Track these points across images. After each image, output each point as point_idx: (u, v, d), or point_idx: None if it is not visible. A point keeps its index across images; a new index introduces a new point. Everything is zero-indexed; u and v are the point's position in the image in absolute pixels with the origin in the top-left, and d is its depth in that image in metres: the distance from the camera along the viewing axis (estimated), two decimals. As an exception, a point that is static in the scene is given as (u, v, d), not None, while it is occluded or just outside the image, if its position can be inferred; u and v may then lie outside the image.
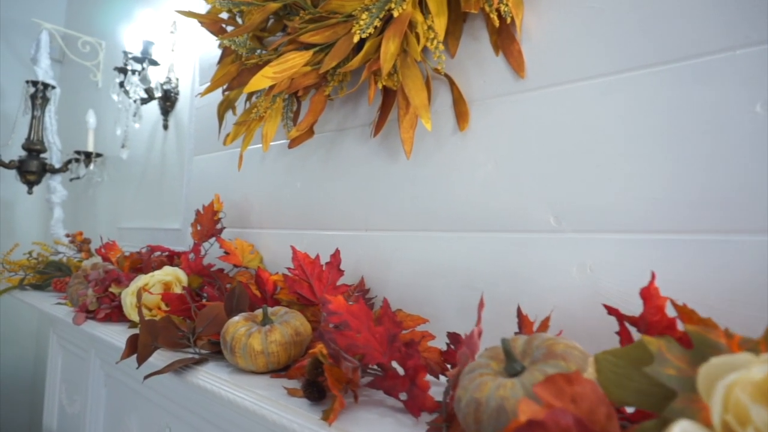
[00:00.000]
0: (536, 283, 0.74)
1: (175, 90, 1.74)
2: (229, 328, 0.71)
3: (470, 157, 0.83)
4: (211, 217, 1.18)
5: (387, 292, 0.93)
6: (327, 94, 0.93)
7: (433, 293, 0.86)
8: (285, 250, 1.17)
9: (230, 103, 1.12)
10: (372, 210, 0.98)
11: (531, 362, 0.43)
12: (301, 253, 0.88)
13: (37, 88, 2.14)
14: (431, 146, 0.89)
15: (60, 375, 1.67)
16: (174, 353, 0.82)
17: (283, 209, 1.18)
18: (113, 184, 2.16)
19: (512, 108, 0.79)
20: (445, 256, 0.85)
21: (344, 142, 1.05)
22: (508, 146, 0.79)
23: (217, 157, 1.42)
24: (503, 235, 0.78)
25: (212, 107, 1.45)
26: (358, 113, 1.03)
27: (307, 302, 0.88)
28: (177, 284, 1.04)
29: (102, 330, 1.03)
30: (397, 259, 0.93)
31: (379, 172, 0.97)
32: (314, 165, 1.11)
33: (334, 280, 0.88)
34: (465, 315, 0.82)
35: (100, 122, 2.17)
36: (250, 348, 0.68)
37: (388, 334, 0.65)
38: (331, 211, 1.07)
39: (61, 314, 1.24)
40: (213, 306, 0.85)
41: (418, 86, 0.81)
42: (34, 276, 1.60)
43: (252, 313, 0.76)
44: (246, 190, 1.30)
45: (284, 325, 0.71)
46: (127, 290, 1.02)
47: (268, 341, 0.69)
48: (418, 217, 0.90)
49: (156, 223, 1.80)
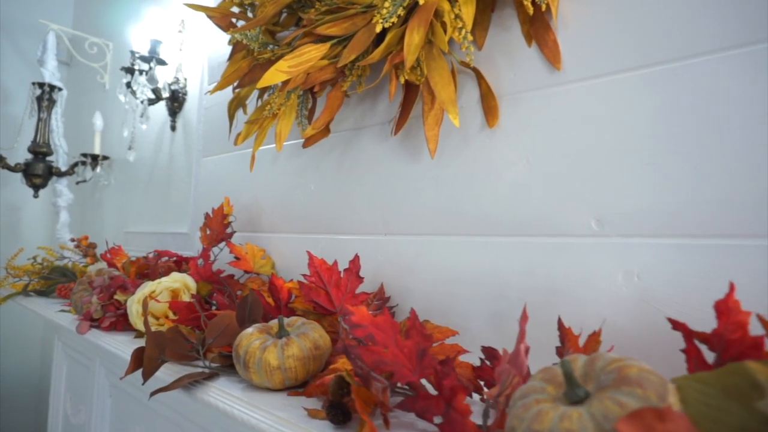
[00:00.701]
0: (576, 293, 0.68)
1: (183, 90, 1.70)
2: (242, 341, 0.66)
3: (500, 155, 0.77)
4: (220, 220, 1.12)
5: (409, 301, 0.87)
6: (344, 89, 0.87)
7: (460, 302, 0.80)
8: (298, 256, 1.11)
9: (241, 101, 1.07)
10: (392, 213, 0.93)
11: (597, 388, 0.37)
12: (317, 259, 0.82)
13: (44, 89, 2.10)
14: (457, 144, 0.83)
15: (65, 383, 1.62)
16: (182, 366, 0.76)
17: (296, 212, 1.13)
18: (120, 187, 2.12)
19: (547, 102, 0.73)
20: (472, 262, 0.79)
21: (361, 141, 0.99)
22: (542, 143, 0.73)
23: (227, 158, 1.37)
24: (537, 239, 0.72)
25: (221, 107, 1.41)
26: (376, 110, 0.97)
27: (324, 312, 0.82)
28: (185, 292, 0.99)
29: (106, 340, 0.98)
30: (419, 265, 0.87)
31: (399, 172, 0.92)
32: (329, 166, 1.06)
33: (353, 288, 0.82)
34: (495, 326, 0.76)
35: (107, 124, 2.13)
36: (265, 363, 0.63)
37: (418, 348, 0.60)
38: (347, 215, 1.01)
39: (65, 322, 1.19)
40: (224, 315, 0.79)
41: (445, 79, 0.75)
42: (39, 282, 1.55)
43: (266, 324, 0.70)
44: (257, 193, 1.25)
45: (302, 337, 0.65)
46: (133, 298, 0.97)
47: (285, 356, 0.63)
48: (442, 221, 0.84)
49: (163, 227, 1.75)
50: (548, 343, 0.69)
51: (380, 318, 0.62)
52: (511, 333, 0.74)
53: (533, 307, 0.71)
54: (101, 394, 1.31)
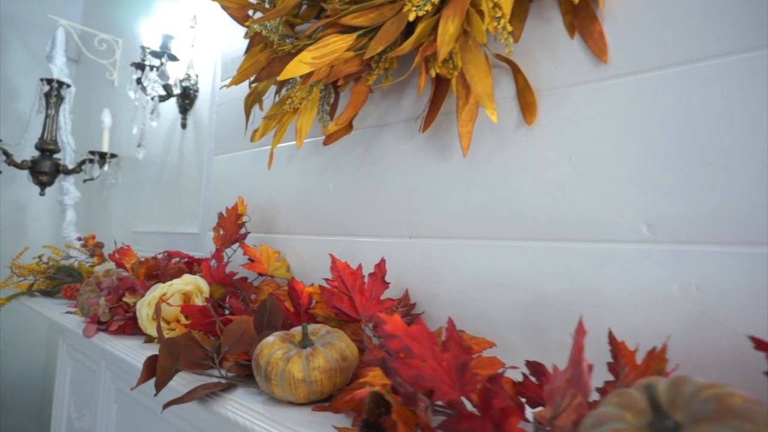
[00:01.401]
0: (624, 303, 0.63)
1: (195, 87, 1.66)
2: (263, 351, 0.61)
3: (539, 154, 0.72)
4: (234, 220, 1.08)
5: (436, 308, 0.82)
6: (370, 83, 0.82)
7: (492, 311, 0.75)
8: (315, 258, 1.06)
9: (258, 96, 1.02)
10: (417, 215, 0.88)
11: (691, 419, 0.32)
12: (341, 263, 0.77)
13: (52, 86, 2.06)
14: (490, 142, 0.78)
15: (69, 386, 1.57)
16: (196, 376, 0.71)
17: (314, 213, 1.08)
18: (128, 185, 2.08)
19: (591, 98, 0.68)
20: (506, 268, 0.74)
21: (385, 138, 0.95)
22: (586, 142, 0.68)
23: (240, 156, 1.32)
24: (580, 245, 0.67)
25: (235, 104, 1.36)
26: (401, 107, 0.93)
27: (348, 319, 0.77)
28: (198, 295, 0.94)
29: (114, 344, 0.93)
30: (447, 270, 0.82)
31: (426, 172, 0.87)
32: (350, 164, 1.01)
33: (378, 293, 0.77)
34: (531, 337, 0.71)
35: (115, 122, 2.09)
36: (289, 375, 0.58)
37: (457, 362, 0.55)
38: (369, 216, 0.96)
39: (71, 324, 1.14)
40: (240, 321, 0.74)
41: (482, 72, 0.70)
42: (44, 281, 1.51)
43: (288, 332, 0.65)
44: (272, 192, 1.20)
45: (328, 347, 0.60)
46: (143, 301, 0.92)
47: (310, 367, 0.58)
48: (473, 223, 0.79)
49: (172, 227, 1.70)
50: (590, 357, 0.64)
51: (415, 328, 0.57)
52: (549, 345, 0.69)
53: (574, 317, 0.66)
54: (107, 398, 1.26)
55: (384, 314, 0.57)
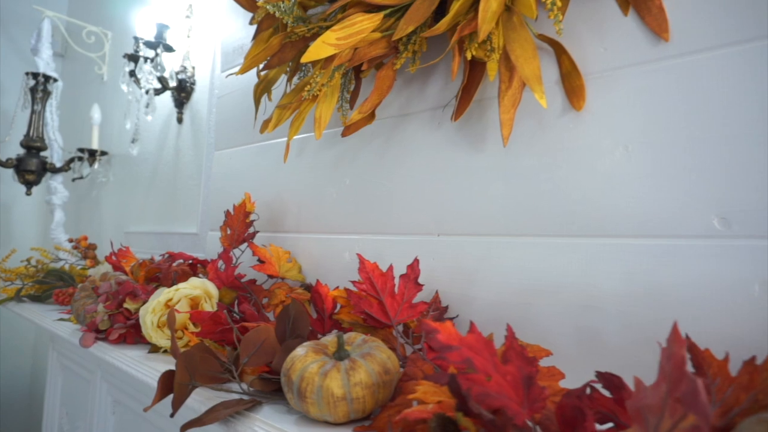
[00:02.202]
0: (693, 305, 0.56)
1: (191, 80, 1.57)
2: (295, 365, 0.54)
3: (589, 142, 0.66)
4: (242, 219, 1.00)
5: (471, 312, 0.76)
6: (397, 68, 0.75)
7: (537, 314, 0.69)
8: (329, 259, 0.99)
9: (269, 84, 0.95)
10: (446, 210, 0.81)
11: None
12: (369, 263, 0.70)
13: (38, 80, 1.96)
14: (531, 131, 0.72)
15: (60, 397, 1.49)
16: (213, 391, 0.64)
17: (327, 210, 1.01)
18: (119, 184, 1.99)
19: (649, 80, 0.62)
20: (553, 267, 0.68)
21: (408, 129, 0.88)
22: (643, 128, 0.62)
23: (244, 151, 1.25)
24: (639, 241, 0.61)
25: (237, 95, 1.28)
26: (426, 95, 0.86)
27: (377, 324, 0.71)
28: (207, 300, 0.86)
29: (116, 355, 0.85)
30: (483, 270, 0.76)
31: (456, 164, 0.80)
32: (368, 157, 0.94)
33: (411, 296, 0.71)
34: (583, 342, 0.64)
35: (105, 118, 2.00)
36: (327, 392, 0.51)
37: (522, 375, 0.48)
38: (391, 212, 0.89)
39: (65, 333, 1.06)
40: (260, 329, 0.67)
41: (528, 52, 0.64)
42: (33, 286, 1.42)
43: (319, 342, 0.58)
44: (279, 189, 1.13)
45: (368, 359, 0.53)
46: (147, 307, 0.85)
47: (351, 383, 0.51)
48: (512, 219, 0.73)
49: (168, 227, 1.62)
50: (653, 363, 0.58)
51: (471, 337, 0.50)
52: (605, 352, 0.63)
53: (635, 321, 0.60)
54: (103, 410, 1.18)
55: (433, 323, 0.50)
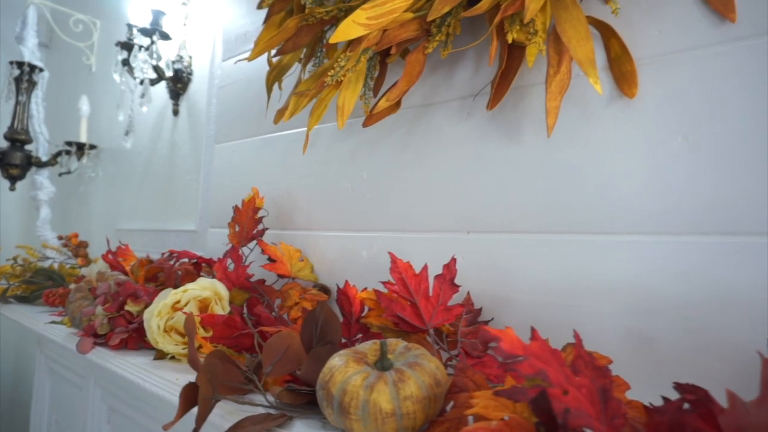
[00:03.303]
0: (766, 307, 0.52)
1: (188, 69, 1.50)
2: (334, 376, 0.48)
3: (642, 132, 0.61)
4: (251, 215, 0.94)
5: (508, 315, 0.71)
6: (429, 51, 0.70)
7: (583, 317, 0.64)
8: (344, 257, 0.93)
9: (283, 71, 0.88)
10: (477, 206, 0.76)
11: None
12: (402, 263, 0.65)
13: (23, 69, 1.87)
14: (574, 121, 0.67)
15: (48, 404, 1.41)
16: (234, 404, 0.58)
17: (342, 206, 0.95)
18: (109, 179, 1.90)
19: (711, 64, 0.57)
20: (599, 266, 0.63)
21: (433, 120, 0.82)
22: (705, 116, 0.57)
23: (248, 144, 1.18)
24: (702, 239, 0.56)
25: (239, 86, 1.22)
26: (452, 83, 0.80)
27: (410, 329, 0.65)
28: (217, 302, 0.80)
29: (118, 362, 0.78)
30: (520, 270, 0.70)
31: (488, 156, 0.75)
32: (388, 150, 0.88)
33: (446, 299, 0.65)
34: (639, 350, 0.60)
35: (94, 110, 1.91)
36: (374, 407, 0.45)
37: (596, 388, 0.43)
38: (414, 208, 0.84)
39: (59, 338, 0.98)
40: (282, 335, 0.61)
41: (581, 34, 0.59)
42: (20, 286, 1.34)
43: (356, 350, 0.53)
44: (288, 183, 1.06)
45: (416, 370, 0.48)
46: (152, 309, 0.78)
47: (400, 397, 0.46)
48: (553, 215, 0.68)
49: (164, 223, 1.55)
50: (720, 373, 0.54)
51: (535, 345, 0.45)
52: (662, 359, 0.58)
53: (694, 323, 0.56)
54: (97, 418, 1.11)
55: (493, 330, 0.45)
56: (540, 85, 0.70)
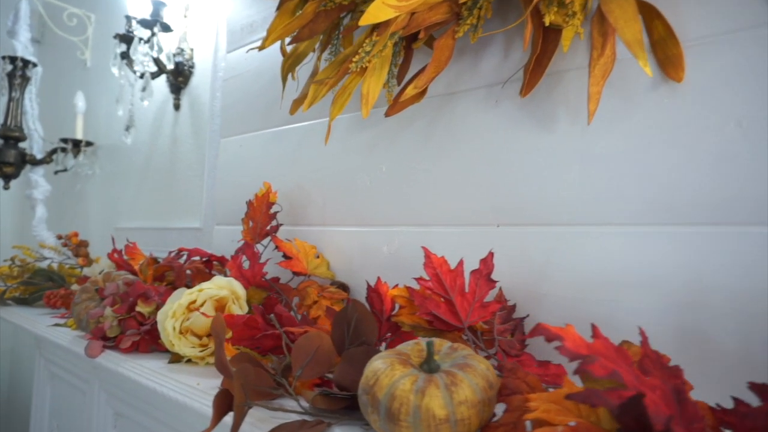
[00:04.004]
0: (832, 301, 0.49)
1: (190, 62, 1.45)
2: (380, 380, 0.44)
3: (690, 118, 0.58)
4: (265, 211, 0.90)
5: (544, 311, 0.68)
6: (460, 35, 0.66)
7: (626, 313, 0.61)
8: (363, 253, 0.90)
9: (299, 59, 0.85)
10: (507, 197, 0.72)
11: None
12: (437, 258, 0.61)
13: (16, 65, 1.81)
14: (615, 107, 0.63)
15: (49, 409, 1.36)
16: (264, 410, 0.54)
17: (360, 200, 0.91)
18: (107, 177, 1.85)
19: (766, 45, 0.54)
20: (644, 259, 0.60)
21: (457, 109, 0.79)
22: (761, 100, 0.54)
23: (255, 137, 1.14)
24: (760, 229, 0.53)
25: (245, 78, 1.18)
26: (479, 70, 0.77)
27: (445, 327, 0.62)
28: (234, 301, 0.76)
29: (131, 366, 0.74)
30: (555, 264, 0.67)
31: (519, 146, 0.72)
32: (409, 141, 0.85)
33: (482, 295, 0.62)
34: (691, 347, 0.57)
35: (90, 106, 1.86)
36: (426, 413, 0.42)
37: (670, 389, 0.40)
38: (437, 201, 0.80)
39: (64, 341, 0.94)
40: (311, 336, 0.57)
41: (629, 13, 0.56)
42: (18, 287, 1.29)
43: (398, 351, 0.49)
44: (300, 178, 1.03)
45: (468, 372, 0.44)
46: (166, 310, 0.74)
47: (455, 402, 0.42)
48: (590, 207, 0.65)
49: (166, 222, 1.50)
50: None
51: (599, 344, 0.42)
52: (715, 356, 0.55)
53: (751, 320, 0.53)
54: (103, 424, 1.07)
55: (555, 328, 0.42)
56: (575, 71, 0.67)
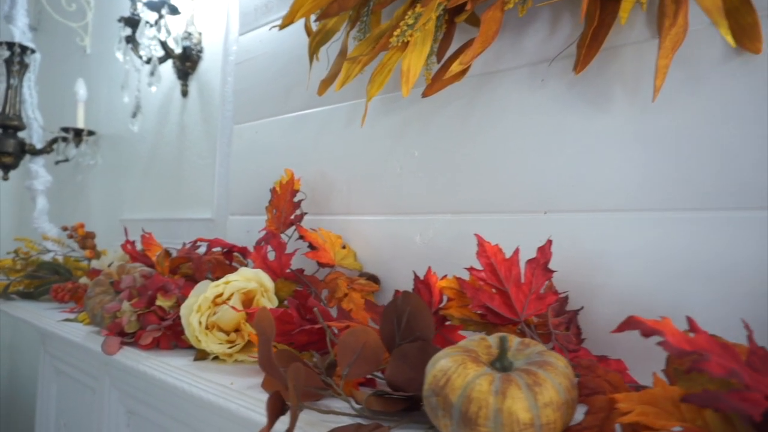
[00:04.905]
0: None
1: (198, 47, 1.40)
2: (452, 380, 0.40)
3: None
4: (289, 199, 0.85)
5: (599, 302, 0.63)
6: (510, 7, 0.62)
7: (697, 305, 0.57)
8: (393, 243, 0.85)
9: (327, 36, 0.79)
10: (555, 183, 0.68)
11: None
12: (491, 246, 0.57)
13: (14, 51, 1.74)
14: (680, 81, 0.59)
15: (56, 407, 1.31)
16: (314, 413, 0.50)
17: (389, 188, 0.87)
18: (109, 167, 1.79)
19: None
20: (713, 246, 0.56)
21: (499, 88, 0.74)
22: None
23: (273, 123, 1.09)
24: None
25: (260, 61, 1.12)
26: (522, 48, 0.72)
27: (499, 321, 0.57)
28: (263, 294, 0.72)
29: (154, 364, 0.69)
30: (611, 252, 0.63)
31: (569, 127, 0.67)
32: (444, 124, 0.80)
33: (538, 286, 0.58)
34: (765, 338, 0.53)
35: (91, 94, 1.79)
36: (509, 417, 0.37)
37: (786, 389, 0.36)
38: (477, 187, 0.76)
39: (77, 337, 0.89)
40: (356, 331, 0.53)
41: (707, -23, 0.51)
42: (22, 281, 1.24)
43: (465, 348, 0.45)
44: (323, 165, 0.98)
45: (549, 370, 0.40)
46: (190, 304, 0.69)
47: (539, 404, 0.38)
48: (651, 190, 0.60)
49: (174, 212, 1.45)
50: None
51: (700, 338, 0.38)
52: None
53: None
54: (114, 422, 1.02)
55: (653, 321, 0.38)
56: (631, 45, 0.63)
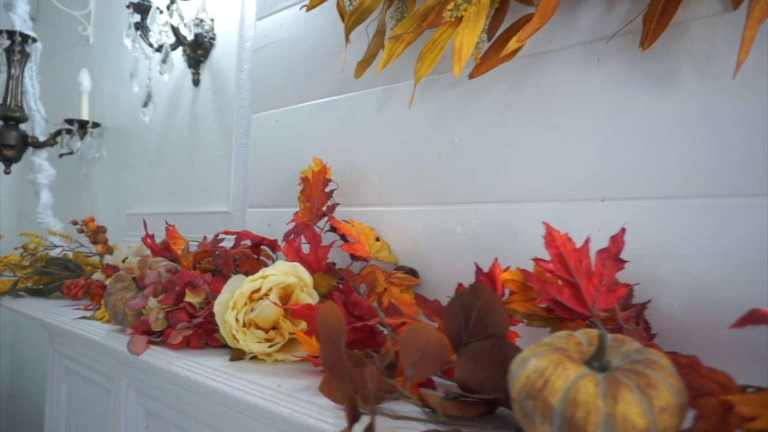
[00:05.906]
0: None
1: (210, 34, 1.35)
2: (551, 381, 0.36)
3: None
4: (322, 188, 0.81)
5: (667, 293, 0.60)
6: (571, -21, 0.57)
7: (766, 295, 0.53)
8: (431, 235, 0.81)
9: (364, 15, 0.75)
10: (613, 169, 0.64)
11: None
12: (560, 235, 0.53)
13: (14, 39, 1.68)
14: (758, 57, 0.55)
15: (66, 408, 1.27)
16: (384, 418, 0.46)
17: (426, 176, 0.82)
18: (116, 160, 1.74)
19: None
20: (798, 235, 0.52)
21: (548, 70, 0.70)
22: None
23: (295, 111, 1.04)
24: None
25: (280, 46, 1.08)
26: (574, 26, 0.68)
27: (568, 315, 0.53)
28: (303, 289, 0.67)
29: (188, 365, 0.65)
30: (677, 241, 0.59)
31: (629, 109, 0.63)
32: (487, 108, 0.76)
33: (609, 278, 0.54)
34: None
35: (94, 85, 1.74)
36: (624, 423, 0.33)
37: None
38: (523, 174, 0.72)
39: (98, 336, 0.84)
40: (418, 329, 0.49)
41: (804, -60, 0.47)
42: (31, 277, 1.19)
43: (552, 344, 0.41)
44: (351, 154, 0.93)
45: (658, 370, 0.36)
46: (225, 301, 0.65)
47: (655, 409, 0.34)
48: (725, 175, 0.57)
49: (185, 205, 1.40)
50: None
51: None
52: None
53: None
54: (132, 425, 0.98)
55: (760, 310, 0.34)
56: (700, 20, 0.59)
